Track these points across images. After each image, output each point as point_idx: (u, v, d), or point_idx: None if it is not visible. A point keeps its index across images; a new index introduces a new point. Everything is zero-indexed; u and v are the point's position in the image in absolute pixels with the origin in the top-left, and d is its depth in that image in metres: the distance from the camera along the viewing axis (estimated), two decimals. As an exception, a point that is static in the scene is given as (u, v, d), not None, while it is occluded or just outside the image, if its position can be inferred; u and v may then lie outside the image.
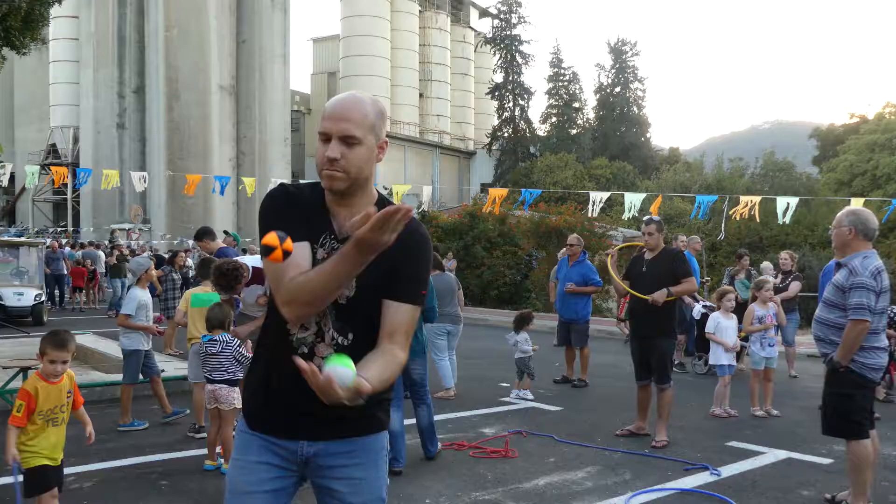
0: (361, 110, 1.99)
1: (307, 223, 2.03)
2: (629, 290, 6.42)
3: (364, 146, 1.99)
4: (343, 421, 2.06)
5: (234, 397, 5.23)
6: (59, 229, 44.88)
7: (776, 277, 9.82)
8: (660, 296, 6.09)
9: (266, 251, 1.78)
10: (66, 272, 18.66)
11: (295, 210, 2.04)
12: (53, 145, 51.10)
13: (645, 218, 6.64)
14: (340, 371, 1.74)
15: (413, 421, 5.75)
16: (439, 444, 5.80)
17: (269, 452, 2.09)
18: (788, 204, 14.17)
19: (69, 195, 49.32)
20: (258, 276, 5.42)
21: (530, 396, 8.12)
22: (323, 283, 1.88)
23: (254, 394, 2.15)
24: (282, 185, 2.15)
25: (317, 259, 2.01)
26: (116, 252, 18.46)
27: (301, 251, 1.96)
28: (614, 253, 6.99)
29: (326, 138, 1.98)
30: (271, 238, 1.78)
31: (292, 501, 2.17)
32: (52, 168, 20.89)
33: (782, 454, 5.99)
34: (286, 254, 1.79)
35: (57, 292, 18.55)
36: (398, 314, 2.02)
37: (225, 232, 9.71)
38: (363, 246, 1.78)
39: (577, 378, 9.09)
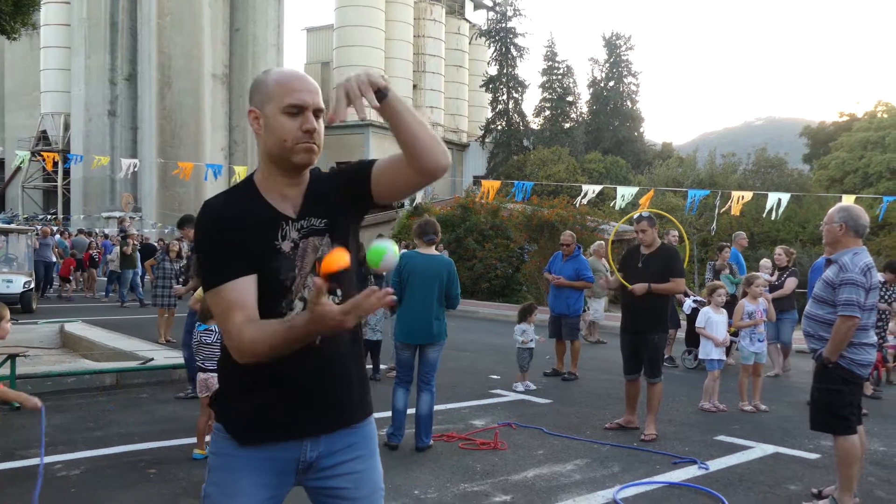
0: (317, 84, 2.00)
1: (259, 230, 1.93)
2: (619, 276, 6.49)
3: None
4: (343, 407, 2.03)
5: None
6: (48, 217, 44.63)
7: (772, 275, 9.67)
8: (640, 288, 6.22)
9: None
10: (53, 260, 18.46)
11: (233, 231, 1.91)
12: (44, 132, 50.78)
13: (635, 216, 6.68)
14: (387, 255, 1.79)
15: (412, 411, 5.77)
16: (431, 439, 5.80)
17: (264, 472, 1.98)
18: (780, 200, 14.23)
19: (59, 182, 49.07)
20: None
21: (521, 388, 8.17)
22: (273, 346, 1.80)
23: (246, 401, 1.97)
24: (208, 207, 1.99)
25: (282, 254, 1.93)
26: (131, 242, 17.53)
27: (245, 288, 1.88)
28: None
29: (298, 111, 1.91)
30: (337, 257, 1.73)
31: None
32: (42, 154, 20.70)
33: (770, 449, 6.02)
34: None
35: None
36: (381, 163, 2.00)
37: None
38: (323, 327, 1.70)
39: (567, 371, 9.11)
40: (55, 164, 31.56)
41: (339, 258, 1.73)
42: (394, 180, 1.98)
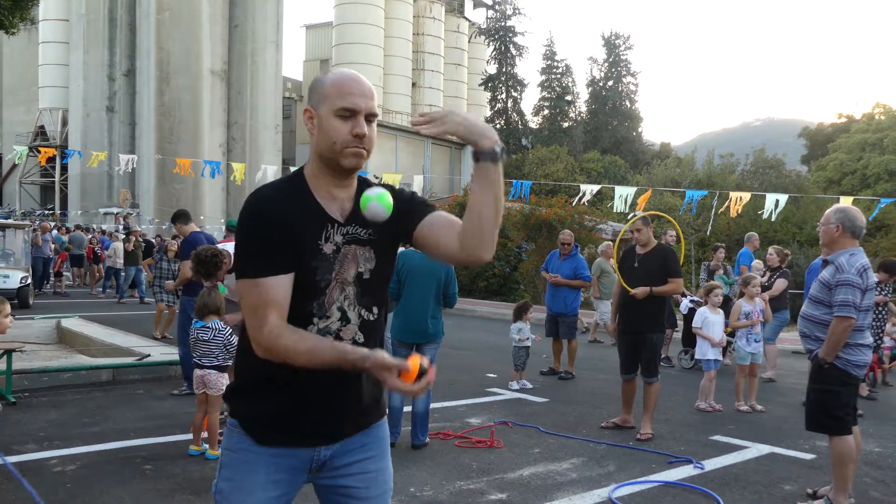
0: (373, 88, 1.99)
1: (305, 226, 1.92)
2: (622, 280, 6.49)
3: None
4: (360, 411, 2.04)
5: (223, 383, 5.23)
6: (46, 212, 44.55)
7: (763, 275, 9.60)
8: (641, 292, 6.23)
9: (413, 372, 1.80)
10: (52, 256, 18.42)
11: (280, 226, 1.90)
12: (42, 127, 50.63)
13: (629, 217, 6.72)
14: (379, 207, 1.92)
15: (408, 409, 5.77)
16: (427, 437, 5.81)
17: (279, 469, 1.98)
18: (777, 201, 14.23)
19: (57, 178, 48.97)
20: None
21: (516, 386, 8.17)
22: (311, 361, 1.86)
23: (264, 400, 1.98)
24: (259, 196, 1.96)
25: (323, 254, 1.93)
26: (133, 238, 17.46)
27: (285, 286, 1.89)
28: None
29: (350, 114, 1.91)
30: (417, 366, 1.80)
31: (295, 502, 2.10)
32: (40, 149, 20.64)
33: (765, 449, 6.03)
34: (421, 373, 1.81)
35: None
36: (439, 218, 2.02)
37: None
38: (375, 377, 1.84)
39: (564, 370, 9.12)
40: (51, 159, 31.51)
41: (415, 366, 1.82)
42: (436, 239, 2.01)
